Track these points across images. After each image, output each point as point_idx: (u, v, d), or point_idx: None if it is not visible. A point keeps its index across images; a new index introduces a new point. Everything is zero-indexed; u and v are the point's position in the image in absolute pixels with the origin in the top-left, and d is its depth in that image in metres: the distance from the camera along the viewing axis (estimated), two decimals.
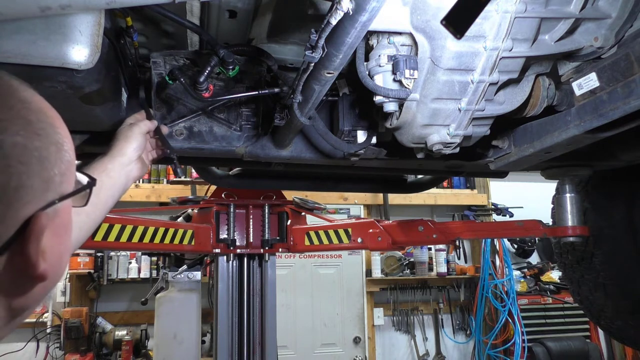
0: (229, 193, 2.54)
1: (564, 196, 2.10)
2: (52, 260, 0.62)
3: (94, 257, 4.84)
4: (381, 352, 5.81)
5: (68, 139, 0.67)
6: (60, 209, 0.64)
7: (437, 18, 1.02)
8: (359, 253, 5.79)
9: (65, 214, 0.67)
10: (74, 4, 0.88)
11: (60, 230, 0.65)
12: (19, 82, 0.65)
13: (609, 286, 2.39)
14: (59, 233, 0.65)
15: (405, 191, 2.70)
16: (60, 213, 0.64)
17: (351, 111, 1.57)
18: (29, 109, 0.62)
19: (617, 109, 1.14)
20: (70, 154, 0.66)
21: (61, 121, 0.67)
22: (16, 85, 0.64)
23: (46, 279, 0.62)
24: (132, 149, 1.25)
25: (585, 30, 1.23)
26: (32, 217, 0.59)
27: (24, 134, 0.59)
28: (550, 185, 2.25)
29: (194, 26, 1.30)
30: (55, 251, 0.63)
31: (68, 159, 0.65)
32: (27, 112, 0.61)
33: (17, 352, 4.58)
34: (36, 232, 0.59)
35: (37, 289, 0.64)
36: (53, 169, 0.62)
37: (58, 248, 0.64)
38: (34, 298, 0.65)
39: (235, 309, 2.53)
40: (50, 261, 0.61)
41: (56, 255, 0.63)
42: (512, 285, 5.58)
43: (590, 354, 5.47)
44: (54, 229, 0.63)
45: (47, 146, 0.62)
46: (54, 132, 0.64)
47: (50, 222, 0.62)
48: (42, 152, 0.60)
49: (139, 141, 1.27)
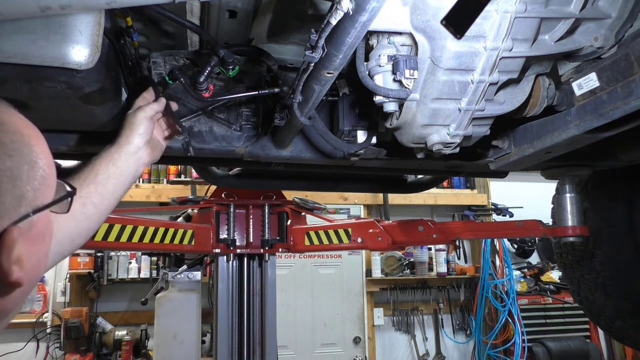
0: (229, 193, 2.54)
1: (564, 196, 2.10)
2: (29, 267, 0.68)
3: (94, 257, 4.84)
4: (381, 352, 5.81)
5: (44, 155, 0.72)
6: (36, 220, 0.69)
7: (437, 18, 1.02)
8: (359, 253, 5.79)
9: (43, 223, 0.72)
10: (74, 4, 0.88)
11: (37, 238, 0.70)
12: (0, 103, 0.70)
13: (609, 286, 2.39)
14: (36, 241, 0.70)
15: (405, 191, 2.70)
16: (36, 223, 0.69)
17: (351, 111, 1.57)
18: (3, 132, 0.67)
19: (617, 109, 1.14)
20: (44, 169, 0.71)
21: (39, 139, 0.73)
22: None
23: (22, 284, 0.67)
24: (138, 135, 1.22)
25: (585, 30, 1.23)
26: (4, 231, 0.64)
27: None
28: (550, 185, 2.25)
29: (194, 26, 1.30)
30: (33, 259, 0.69)
31: (42, 175, 0.70)
32: (1, 134, 0.66)
33: (17, 352, 4.58)
34: (8, 244, 0.64)
35: (15, 293, 0.69)
36: (26, 186, 0.67)
37: (36, 255, 0.70)
38: (12, 301, 0.70)
39: (235, 309, 2.53)
40: (27, 268, 0.67)
41: (33, 262, 0.69)
42: (512, 285, 5.58)
43: (590, 354, 5.47)
44: (31, 238, 0.68)
45: (20, 165, 0.67)
46: (28, 152, 0.69)
47: (26, 233, 0.67)
48: (13, 172, 0.65)
49: (144, 126, 1.23)
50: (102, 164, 1.14)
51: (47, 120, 1.37)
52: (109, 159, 1.16)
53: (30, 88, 1.10)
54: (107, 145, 1.21)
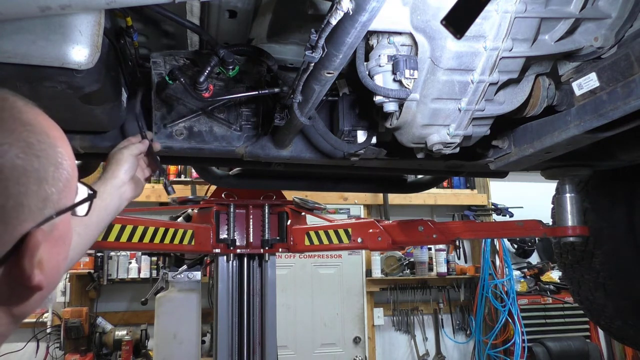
0: (229, 193, 2.54)
1: (564, 196, 2.09)
2: (49, 270, 0.66)
3: (94, 257, 4.84)
4: (381, 352, 5.81)
5: (69, 156, 0.71)
6: (58, 222, 0.68)
7: (437, 18, 1.02)
8: (359, 253, 5.79)
9: (64, 225, 0.70)
10: (74, 4, 0.88)
11: (58, 241, 0.69)
12: (24, 102, 0.68)
13: (609, 286, 2.39)
14: (57, 244, 0.69)
15: (405, 191, 2.70)
16: (58, 226, 0.68)
17: (351, 111, 1.57)
18: (30, 132, 0.65)
19: (617, 109, 1.14)
20: (69, 171, 0.70)
21: (63, 140, 0.71)
22: (20, 106, 0.67)
23: (42, 288, 0.66)
24: (124, 171, 1.30)
25: (585, 30, 1.23)
26: (27, 233, 0.62)
27: (23, 156, 0.62)
28: (550, 185, 2.25)
29: (194, 26, 1.30)
30: (53, 261, 0.67)
31: (66, 177, 0.69)
32: (28, 134, 0.65)
33: (17, 352, 4.57)
34: (31, 247, 0.63)
35: (36, 297, 0.67)
36: (51, 188, 0.66)
37: (56, 258, 0.69)
38: (32, 305, 0.69)
39: (235, 309, 2.53)
40: (47, 271, 0.65)
41: (53, 265, 0.68)
42: (512, 285, 5.58)
43: (590, 354, 5.47)
44: (52, 241, 0.67)
45: (46, 167, 0.65)
46: (54, 153, 0.67)
47: (48, 235, 0.66)
48: (40, 174, 0.64)
49: (129, 163, 1.32)
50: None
51: None
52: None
53: (30, 88, 1.10)
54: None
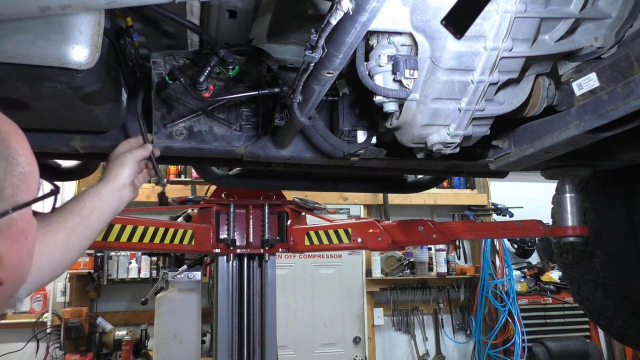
0: (229, 193, 2.54)
1: (564, 196, 2.09)
2: (9, 265, 0.66)
3: (94, 257, 4.84)
4: (381, 352, 5.81)
5: (24, 152, 0.71)
6: (17, 217, 0.68)
7: (437, 18, 1.02)
8: (359, 253, 5.79)
9: (24, 221, 0.71)
10: (74, 4, 0.88)
11: (18, 236, 0.69)
12: None
13: (609, 286, 2.39)
14: (18, 239, 0.69)
15: (405, 191, 2.70)
16: (17, 221, 0.68)
17: (351, 111, 1.57)
18: None
19: (617, 109, 1.14)
20: (24, 167, 0.70)
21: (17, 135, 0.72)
22: None
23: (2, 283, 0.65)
24: (126, 174, 1.31)
25: (585, 30, 1.23)
26: None
27: None
28: (550, 185, 2.25)
29: (194, 26, 1.30)
30: (14, 256, 0.67)
31: (21, 172, 0.69)
32: None
33: (17, 352, 4.58)
34: None
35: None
36: (2, 183, 0.66)
37: (17, 254, 0.69)
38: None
39: (235, 309, 2.53)
40: (7, 267, 0.65)
41: (14, 260, 0.68)
42: (512, 285, 5.58)
43: (590, 354, 5.47)
44: (11, 236, 0.67)
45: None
46: (5, 148, 0.68)
47: (6, 230, 0.66)
48: None
49: (132, 167, 1.33)
50: (89, 198, 1.19)
51: (47, 120, 1.37)
52: (96, 193, 1.23)
53: (30, 88, 1.10)
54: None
